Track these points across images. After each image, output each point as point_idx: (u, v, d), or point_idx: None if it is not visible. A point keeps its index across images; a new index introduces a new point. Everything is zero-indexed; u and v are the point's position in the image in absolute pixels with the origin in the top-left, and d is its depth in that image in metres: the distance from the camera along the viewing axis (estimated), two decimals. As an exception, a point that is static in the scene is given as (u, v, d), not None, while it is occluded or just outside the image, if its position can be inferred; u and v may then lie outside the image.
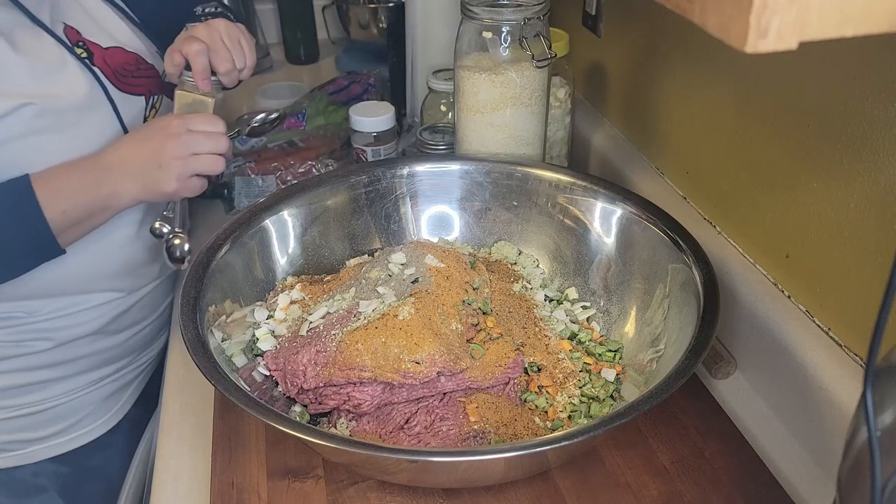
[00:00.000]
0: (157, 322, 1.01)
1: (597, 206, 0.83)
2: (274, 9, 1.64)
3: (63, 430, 0.95)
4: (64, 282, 0.85)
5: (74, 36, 0.83)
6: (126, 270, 0.90)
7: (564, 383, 0.71)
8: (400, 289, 0.72)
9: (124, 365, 0.98)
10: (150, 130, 0.76)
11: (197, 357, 0.62)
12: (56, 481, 0.96)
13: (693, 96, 0.87)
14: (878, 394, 0.36)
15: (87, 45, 0.83)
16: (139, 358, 1.01)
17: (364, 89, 1.34)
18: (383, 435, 0.67)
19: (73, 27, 0.83)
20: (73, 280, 0.85)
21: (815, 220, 0.69)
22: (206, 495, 0.68)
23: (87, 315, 0.89)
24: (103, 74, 0.83)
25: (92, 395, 0.95)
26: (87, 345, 0.91)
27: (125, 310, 0.93)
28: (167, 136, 0.75)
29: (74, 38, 0.83)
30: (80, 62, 0.81)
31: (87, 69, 0.82)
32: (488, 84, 0.86)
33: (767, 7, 0.27)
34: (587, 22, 1.10)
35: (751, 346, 0.76)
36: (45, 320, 0.86)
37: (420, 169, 0.89)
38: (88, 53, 0.83)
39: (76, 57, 0.81)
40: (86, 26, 0.84)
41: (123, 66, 0.86)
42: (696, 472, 0.67)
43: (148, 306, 0.97)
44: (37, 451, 0.94)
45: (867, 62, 0.60)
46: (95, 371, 0.94)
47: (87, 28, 0.84)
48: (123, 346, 0.96)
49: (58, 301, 0.86)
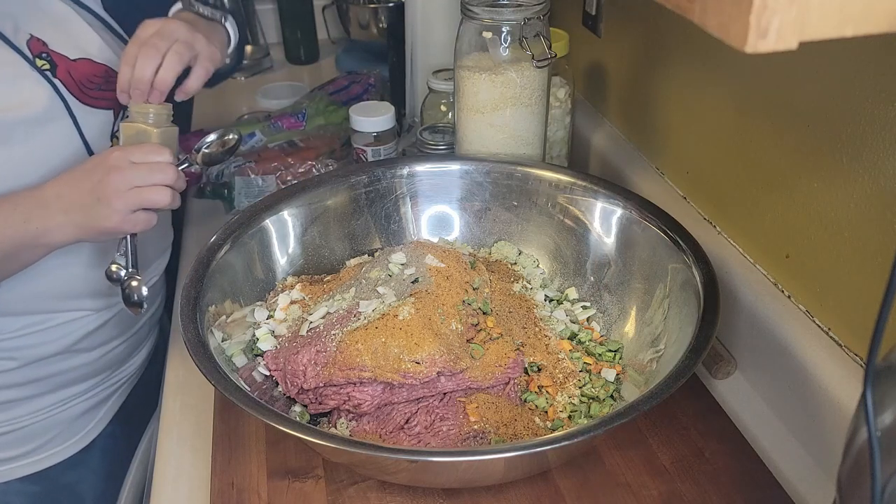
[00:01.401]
0: (134, 339, 0.98)
1: (597, 206, 0.83)
2: (274, 9, 1.64)
3: (32, 450, 0.92)
4: (28, 300, 0.82)
5: (39, 47, 0.79)
6: (94, 290, 0.87)
7: (564, 383, 0.71)
8: (400, 289, 0.72)
9: (97, 383, 0.96)
10: (90, 164, 0.71)
11: (197, 357, 0.62)
12: (27, 500, 0.94)
13: (693, 96, 0.87)
14: (878, 394, 0.36)
15: (52, 56, 0.80)
16: (113, 375, 0.98)
17: (364, 89, 1.34)
18: (383, 435, 0.67)
19: (39, 38, 0.80)
20: (38, 298, 0.83)
21: (815, 220, 0.69)
22: (206, 495, 0.68)
23: (53, 334, 0.86)
24: (65, 87, 0.80)
25: (62, 414, 0.93)
26: (54, 364, 0.88)
27: (95, 328, 0.90)
28: (107, 169, 0.70)
29: (38, 49, 0.79)
30: (40, 74, 0.78)
31: (47, 81, 0.78)
32: (488, 84, 0.86)
33: (767, 7, 0.27)
34: (587, 22, 1.10)
35: (751, 346, 0.76)
36: (9, 339, 0.84)
37: (420, 169, 0.89)
38: (51, 65, 0.79)
39: (35, 69, 0.78)
40: (53, 37, 0.81)
41: (90, 78, 0.82)
42: (696, 472, 0.67)
43: (121, 324, 0.94)
44: (5, 471, 0.91)
45: (867, 62, 0.60)
46: (64, 390, 0.92)
47: (55, 39, 0.81)
48: (95, 364, 0.93)
49: (22, 319, 0.84)
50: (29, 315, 0.84)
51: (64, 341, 0.87)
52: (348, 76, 1.38)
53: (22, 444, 0.91)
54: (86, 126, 0.81)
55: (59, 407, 0.92)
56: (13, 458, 0.91)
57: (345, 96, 1.32)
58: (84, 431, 0.96)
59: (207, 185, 1.13)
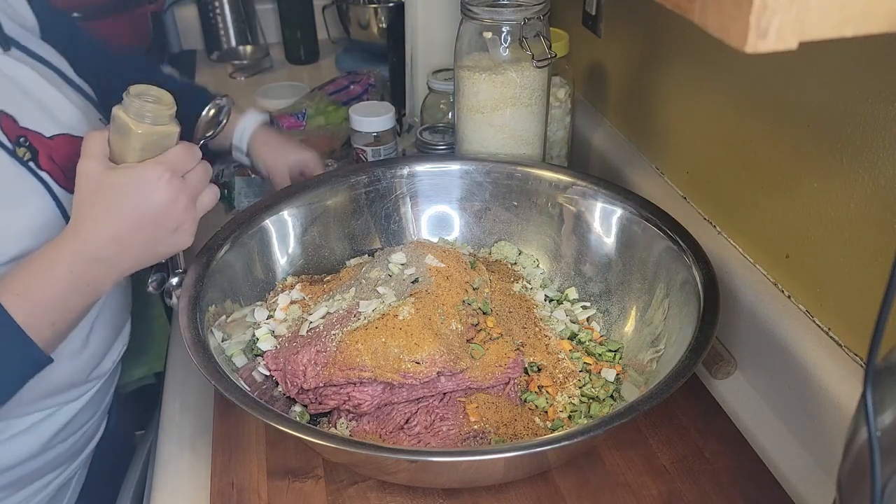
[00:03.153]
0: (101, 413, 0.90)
1: (597, 206, 0.83)
2: (274, 9, 1.65)
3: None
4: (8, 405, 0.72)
5: (12, 128, 0.70)
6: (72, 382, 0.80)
7: (564, 383, 0.71)
8: (400, 289, 0.72)
9: (60, 472, 0.86)
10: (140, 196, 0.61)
11: (197, 357, 0.62)
12: None
13: (693, 96, 0.87)
14: (878, 394, 0.36)
15: (30, 138, 0.71)
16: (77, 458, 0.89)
17: (364, 89, 1.34)
18: (383, 435, 0.67)
19: (10, 115, 0.71)
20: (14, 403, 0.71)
21: (815, 220, 0.69)
22: (206, 495, 0.68)
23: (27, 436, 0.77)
24: (52, 178, 0.71)
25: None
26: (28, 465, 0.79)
27: (71, 418, 0.82)
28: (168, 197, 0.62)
29: (13, 133, 0.70)
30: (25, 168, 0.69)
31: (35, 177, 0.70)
32: (488, 84, 0.86)
33: (767, 7, 0.27)
34: (587, 22, 1.10)
35: (751, 346, 0.76)
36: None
37: (420, 169, 0.89)
38: (32, 153, 0.71)
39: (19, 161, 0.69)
40: (24, 111, 0.72)
41: (71, 158, 0.71)
42: (696, 472, 0.67)
43: (94, 404, 0.86)
44: None
45: (867, 62, 0.60)
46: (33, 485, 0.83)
47: (26, 113, 0.72)
48: (68, 451, 0.85)
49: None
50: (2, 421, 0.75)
51: (38, 441, 0.79)
52: (348, 76, 1.38)
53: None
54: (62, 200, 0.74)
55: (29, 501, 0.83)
56: None
57: (345, 96, 1.32)
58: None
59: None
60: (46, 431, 0.80)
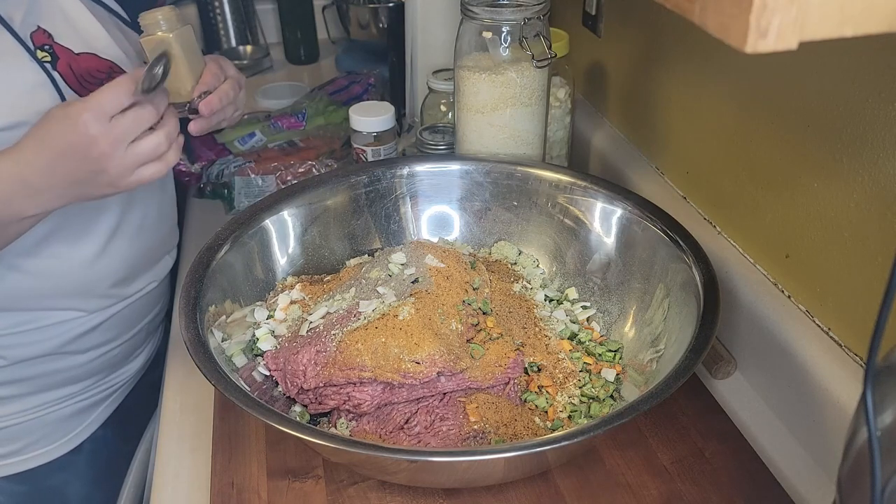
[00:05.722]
0: (131, 343, 0.96)
1: (597, 206, 0.83)
2: (274, 9, 1.65)
3: (18, 449, 0.90)
4: (15, 297, 0.80)
5: (42, 39, 0.77)
6: (86, 291, 0.85)
7: (564, 383, 0.71)
8: (400, 289, 0.72)
9: (88, 386, 0.93)
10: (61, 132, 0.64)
11: (197, 357, 0.62)
12: (12, 499, 0.92)
13: (693, 96, 0.87)
14: (878, 394, 0.36)
15: (55, 48, 0.78)
16: (108, 379, 0.95)
17: (364, 89, 1.34)
18: (383, 435, 0.67)
19: (46, 30, 0.78)
20: (26, 296, 0.81)
21: (815, 220, 0.69)
22: (206, 495, 0.68)
23: (42, 334, 0.84)
24: (63, 80, 0.77)
25: (50, 415, 0.90)
26: (42, 364, 0.86)
27: (87, 330, 0.87)
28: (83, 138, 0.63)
29: (41, 41, 0.77)
30: (39, 65, 0.75)
31: (45, 73, 0.76)
32: (488, 84, 0.86)
33: (767, 7, 0.27)
34: (587, 22, 1.10)
35: (751, 346, 0.76)
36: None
37: (420, 169, 0.89)
38: (52, 57, 0.77)
39: (35, 59, 0.75)
40: (61, 30, 0.79)
41: (92, 72, 0.80)
42: (696, 472, 0.67)
43: (116, 327, 0.91)
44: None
45: (867, 62, 0.60)
46: (54, 391, 0.89)
47: (62, 32, 0.79)
48: (86, 366, 0.90)
49: (9, 317, 0.81)
50: (17, 312, 0.82)
51: (53, 342, 0.85)
52: (348, 76, 1.38)
53: (7, 443, 0.89)
54: None
55: (48, 407, 0.90)
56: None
57: (345, 96, 1.32)
58: (73, 434, 0.94)
59: (207, 185, 1.13)
60: (64, 335, 0.85)
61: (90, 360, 0.90)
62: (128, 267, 0.88)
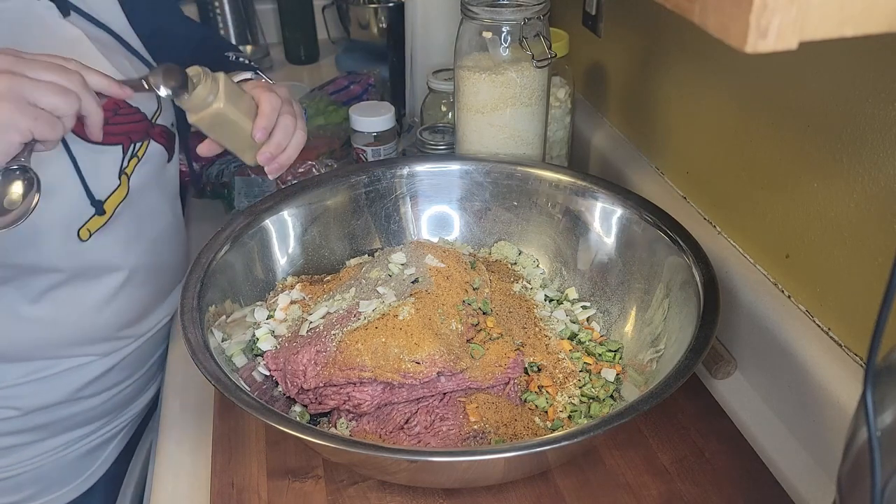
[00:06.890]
0: (142, 380, 0.94)
1: (597, 206, 0.83)
2: (274, 9, 1.65)
3: (33, 494, 0.88)
4: (28, 347, 0.79)
5: None
6: (100, 337, 0.83)
7: (564, 383, 0.71)
8: (400, 289, 0.72)
9: (102, 425, 0.91)
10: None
11: (197, 357, 0.62)
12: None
13: (693, 96, 0.87)
14: (878, 394, 0.36)
15: None
16: (119, 416, 0.94)
17: (364, 89, 1.34)
18: (383, 435, 0.67)
19: None
20: (38, 345, 0.79)
21: (815, 220, 0.69)
22: (206, 495, 0.68)
23: (56, 381, 0.82)
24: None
25: (64, 458, 0.88)
26: (56, 411, 0.84)
27: (100, 374, 0.86)
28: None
29: None
30: None
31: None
32: (488, 84, 0.86)
33: (767, 7, 0.27)
34: (587, 22, 1.10)
35: (751, 346, 0.76)
36: (9, 387, 0.80)
37: (420, 169, 0.89)
38: None
39: None
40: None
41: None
42: (696, 472, 0.67)
43: (131, 366, 0.90)
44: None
45: (867, 62, 0.60)
46: (67, 434, 0.88)
47: None
48: (100, 408, 0.89)
49: (22, 367, 0.80)
50: (29, 362, 0.80)
51: (68, 388, 0.83)
52: (348, 76, 1.38)
53: (19, 489, 0.87)
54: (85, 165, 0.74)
55: (62, 450, 0.88)
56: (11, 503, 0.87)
57: (345, 96, 1.32)
58: (86, 474, 0.93)
59: (207, 185, 1.13)
60: (78, 381, 0.84)
61: (104, 402, 0.89)
62: (141, 307, 0.87)
